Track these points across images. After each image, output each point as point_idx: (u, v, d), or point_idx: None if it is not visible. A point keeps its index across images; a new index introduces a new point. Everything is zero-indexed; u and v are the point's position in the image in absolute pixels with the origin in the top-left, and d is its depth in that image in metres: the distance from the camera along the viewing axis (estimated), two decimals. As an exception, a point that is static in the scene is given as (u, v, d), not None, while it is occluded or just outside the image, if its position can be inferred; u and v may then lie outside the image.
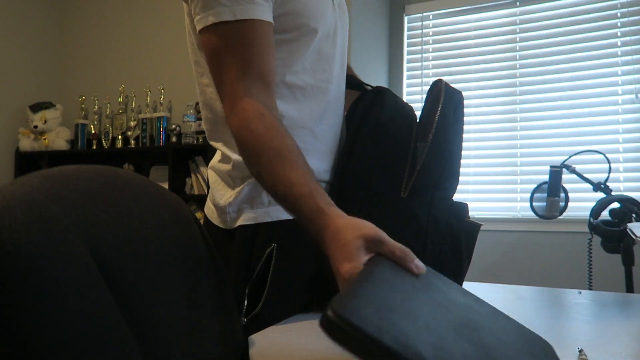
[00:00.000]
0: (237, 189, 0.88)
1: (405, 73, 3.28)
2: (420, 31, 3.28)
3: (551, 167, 1.89)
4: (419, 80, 3.24)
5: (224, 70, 0.77)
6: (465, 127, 3.62)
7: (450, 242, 0.86)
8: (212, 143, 0.95)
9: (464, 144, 0.87)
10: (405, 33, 3.32)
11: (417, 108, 0.88)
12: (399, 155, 0.84)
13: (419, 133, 0.87)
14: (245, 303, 0.83)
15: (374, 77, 3.05)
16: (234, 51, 0.77)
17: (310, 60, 0.88)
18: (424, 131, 0.87)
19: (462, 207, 0.88)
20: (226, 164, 0.91)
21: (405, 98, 3.23)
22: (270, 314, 0.82)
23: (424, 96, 3.48)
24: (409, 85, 3.27)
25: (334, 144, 0.94)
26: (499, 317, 0.60)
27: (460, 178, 0.88)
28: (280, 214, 0.86)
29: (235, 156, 0.88)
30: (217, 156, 0.96)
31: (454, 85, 0.88)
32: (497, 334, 0.55)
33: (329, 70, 0.92)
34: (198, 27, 0.79)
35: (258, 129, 0.72)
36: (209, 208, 0.95)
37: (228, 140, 0.90)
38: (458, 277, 0.88)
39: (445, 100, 0.87)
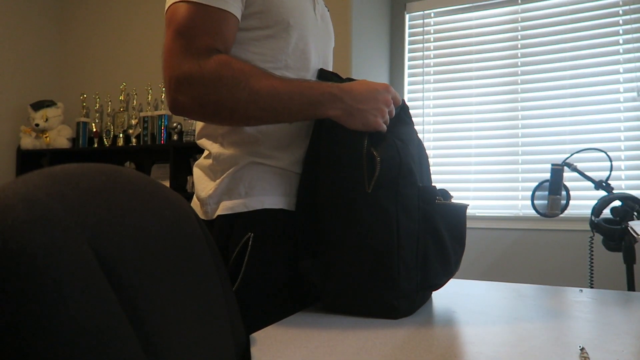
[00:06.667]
0: (217, 181, 0.91)
1: (407, 71, 3.28)
2: (421, 29, 3.28)
3: (552, 165, 1.89)
4: (420, 78, 3.23)
5: (191, 33, 0.80)
6: (466, 125, 3.62)
7: (428, 228, 0.84)
8: (198, 142, 0.98)
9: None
10: (407, 31, 3.31)
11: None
12: (352, 158, 0.83)
13: (372, 135, 0.85)
14: None
15: (375, 75, 3.05)
16: (205, 24, 0.81)
17: (294, 58, 0.91)
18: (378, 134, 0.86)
19: (430, 190, 0.86)
20: (208, 159, 0.95)
21: (406, 96, 3.22)
22: (246, 298, 0.84)
23: (425, 94, 3.49)
24: (410, 84, 3.27)
25: (306, 138, 0.94)
26: None
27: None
28: (256, 204, 0.88)
29: (215, 150, 0.92)
30: (202, 155, 1.00)
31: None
32: None
33: (311, 70, 0.96)
34: (168, 3, 0.83)
35: (239, 64, 0.81)
36: (194, 202, 0.99)
37: (211, 134, 0.94)
38: (446, 261, 0.86)
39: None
